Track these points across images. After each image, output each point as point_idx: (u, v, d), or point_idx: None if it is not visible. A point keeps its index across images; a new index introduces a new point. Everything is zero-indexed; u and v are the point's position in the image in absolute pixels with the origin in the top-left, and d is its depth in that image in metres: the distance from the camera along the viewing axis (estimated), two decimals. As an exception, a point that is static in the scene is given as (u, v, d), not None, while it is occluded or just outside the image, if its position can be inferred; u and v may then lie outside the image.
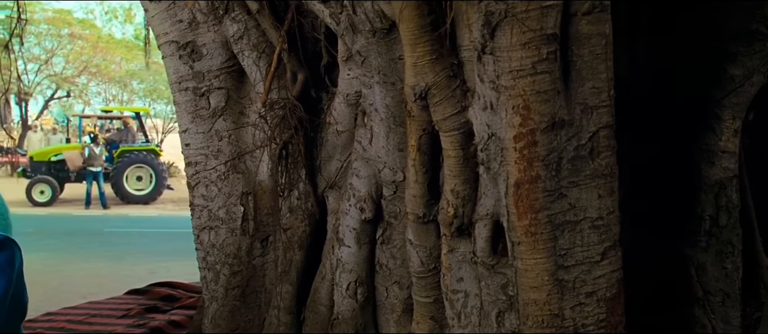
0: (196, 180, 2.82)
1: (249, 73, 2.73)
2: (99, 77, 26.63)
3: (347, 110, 2.60)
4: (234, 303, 2.78)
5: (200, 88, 2.77)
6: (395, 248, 2.48)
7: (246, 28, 2.69)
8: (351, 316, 2.53)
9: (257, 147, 2.79)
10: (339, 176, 2.70)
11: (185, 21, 2.76)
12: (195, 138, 2.80)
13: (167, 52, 2.80)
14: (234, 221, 2.77)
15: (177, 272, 6.41)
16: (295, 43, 2.62)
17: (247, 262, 2.79)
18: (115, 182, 14.72)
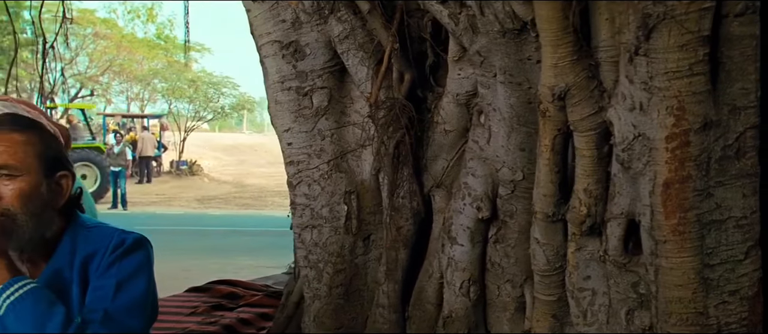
0: (298, 179, 2.84)
1: (353, 73, 2.75)
2: (122, 76, 26.81)
3: (456, 110, 2.62)
4: (338, 301, 2.80)
5: (303, 88, 2.80)
6: (509, 246, 2.50)
7: (352, 28, 2.71)
8: (464, 314, 2.55)
9: (360, 146, 2.81)
10: (445, 175, 2.72)
11: (288, 21, 2.78)
12: (297, 137, 2.82)
13: (269, 52, 2.82)
14: (337, 219, 2.79)
15: (211, 270, 6.47)
16: (402, 43, 2.64)
17: (350, 260, 2.82)
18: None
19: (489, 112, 2.43)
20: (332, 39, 2.76)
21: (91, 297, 1.70)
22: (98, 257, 1.74)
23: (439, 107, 2.68)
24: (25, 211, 1.67)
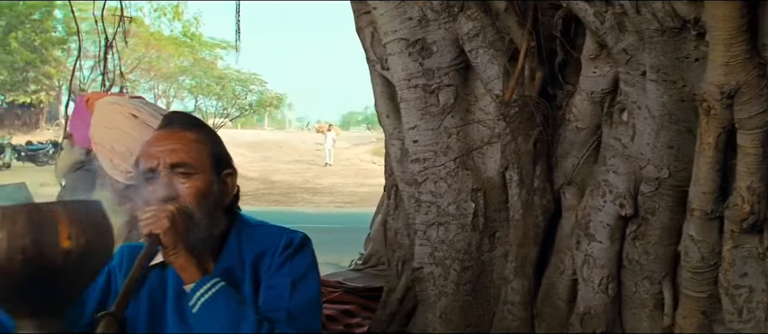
0: (424, 176, 2.87)
1: (482, 71, 2.77)
2: (151, 73, 26.95)
3: (589, 108, 2.64)
4: (465, 298, 2.83)
5: (430, 86, 2.82)
6: (649, 243, 2.51)
7: (482, 26, 2.73)
8: (603, 311, 2.57)
9: (485, 143, 2.83)
10: (575, 172, 2.74)
11: (415, 18, 2.81)
12: (424, 135, 2.85)
13: (395, 49, 2.85)
14: (464, 217, 2.82)
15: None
16: (534, 41, 2.66)
17: (477, 257, 2.84)
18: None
19: (633, 110, 2.44)
20: (460, 37, 2.78)
21: (266, 296, 1.72)
22: (269, 256, 1.76)
23: (571, 105, 2.70)
24: (200, 209, 1.70)
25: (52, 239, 1.03)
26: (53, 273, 1.04)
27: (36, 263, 1.02)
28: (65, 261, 1.04)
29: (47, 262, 1.03)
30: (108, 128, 2.30)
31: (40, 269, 1.03)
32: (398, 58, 2.84)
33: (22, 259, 1.00)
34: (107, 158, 2.30)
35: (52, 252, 1.03)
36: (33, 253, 1.01)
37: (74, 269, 1.06)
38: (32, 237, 1.01)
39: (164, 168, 1.73)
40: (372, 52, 3.27)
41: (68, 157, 3.76)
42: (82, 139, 3.65)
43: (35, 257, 1.01)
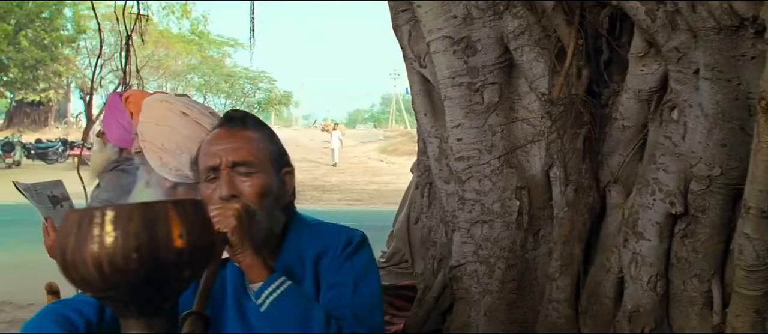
0: (469, 174, 2.86)
1: (527, 69, 2.76)
2: (160, 71, 27.04)
3: (636, 106, 2.63)
4: (510, 296, 2.82)
5: (474, 84, 2.81)
6: (698, 241, 2.50)
7: (528, 25, 2.72)
8: (652, 309, 2.56)
9: (529, 141, 2.83)
10: (621, 171, 2.73)
11: (460, 17, 2.80)
12: (468, 133, 2.84)
13: (439, 47, 2.84)
14: (509, 215, 2.81)
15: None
16: (582, 40, 2.65)
17: (521, 255, 2.84)
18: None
19: (684, 108, 2.43)
20: (505, 35, 2.77)
21: (329, 295, 1.72)
22: (329, 255, 1.76)
23: (618, 103, 2.69)
24: (262, 207, 1.70)
25: (165, 238, 1.02)
26: (165, 272, 1.04)
27: (150, 262, 1.01)
28: (177, 260, 1.04)
29: (161, 261, 1.02)
30: (157, 126, 2.29)
31: (153, 267, 1.02)
32: (442, 57, 2.83)
33: (137, 257, 1.00)
34: (156, 156, 2.29)
35: (165, 251, 1.02)
36: (148, 252, 1.01)
37: (184, 269, 1.06)
38: (147, 236, 1.00)
39: (226, 167, 1.74)
40: (409, 50, 3.27)
41: (102, 155, 3.77)
42: (116, 137, 3.65)
43: (150, 256, 1.01)
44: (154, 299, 1.08)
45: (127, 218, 1.01)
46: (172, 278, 1.06)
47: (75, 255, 1.01)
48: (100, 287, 1.02)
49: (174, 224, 1.04)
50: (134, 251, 1.00)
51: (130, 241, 1.00)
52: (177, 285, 1.09)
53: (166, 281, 1.05)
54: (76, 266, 1.01)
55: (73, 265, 1.02)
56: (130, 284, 1.03)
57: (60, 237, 1.05)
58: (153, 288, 1.06)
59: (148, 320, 1.09)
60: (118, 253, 0.99)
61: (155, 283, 1.05)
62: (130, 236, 1.00)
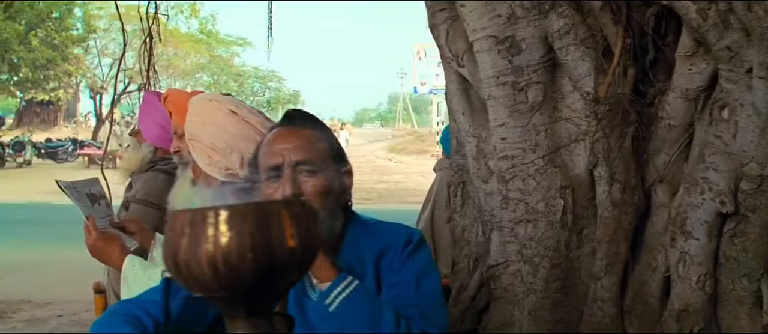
0: (512, 173, 2.86)
1: (572, 69, 2.76)
2: (168, 71, 27.08)
3: (683, 105, 2.63)
4: (555, 295, 2.82)
5: (519, 83, 2.81)
6: (748, 241, 2.50)
7: (573, 24, 2.72)
8: (700, 308, 2.56)
9: (573, 141, 2.82)
10: (666, 170, 2.72)
11: (504, 16, 2.80)
12: (512, 132, 2.84)
13: (483, 47, 2.84)
14: (553, 214, 2.81)
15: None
16: (630, 39, 2.64)
17: (566, 255, 2.83)
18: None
19: (736, 108, 2.42)
20: (550, 34, 2.77)
21: (392, 294, 1.72)
22: (390, 254, 1.76)
23: (664, 102, 2.69)
24: (323, 207, 1.70)
25: (279, 238, 1.02)
26: (277, 272, 1.04)
27: (265, 262, 1.01)
28: (289, 260, 1.04)
29: (275, 261, 1.03)
30: (206, 125, 2.29)
31: (267, 267, 1.02)
32: (486, 56, 2.83)
33: (253, 257, 1.00)
34: (205, 155, 2.29)
35: (279, 251, 1.03)
36: (262, 251, 1.01)
37: (295, 269, 1.06)
38: (261, 235, 1.00)
39: (289, 166, 1.74)
40: (447, 49, 3.27)
41: (136, 154, 3.76)
42: (153, 135, 3.65)
43: (264, 256, 1.01)
44: (263, 299, 1.08)
45: (242, 218, 1.01)
46: (283, 278, 1.07)
47: (189, 255, 1.01)
48: (213, 287, 1.02)
49: (286, 224, 1.04)
50: (249, 250, 1.00)
51: (245, 241, 1.00)
52: (286, 285, 1.09)
53: (278, 280, 1.06)
54: (189, 266, 1.01)
55: (185, 265, 1.02)
56: (243, 284, 1.03)
57: (169, 237, 1.05)
58: (264, 288, 1.06)
59: (254, 320, 1.09)
60: (233, 253, 1.00)
61: (267, 283, 1.05)
62: (245, 235, 1.00)
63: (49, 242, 12.50)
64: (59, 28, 23.26)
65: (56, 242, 12.35)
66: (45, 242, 12.54)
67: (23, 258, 11.11)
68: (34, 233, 13.73)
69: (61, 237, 12.80)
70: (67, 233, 14.30)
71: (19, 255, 11.35)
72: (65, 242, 12.12)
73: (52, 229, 14.22)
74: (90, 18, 24.48)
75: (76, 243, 10.48)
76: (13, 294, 8.81)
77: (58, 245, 12.02)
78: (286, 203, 1.07)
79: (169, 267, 1.05)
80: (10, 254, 11.39)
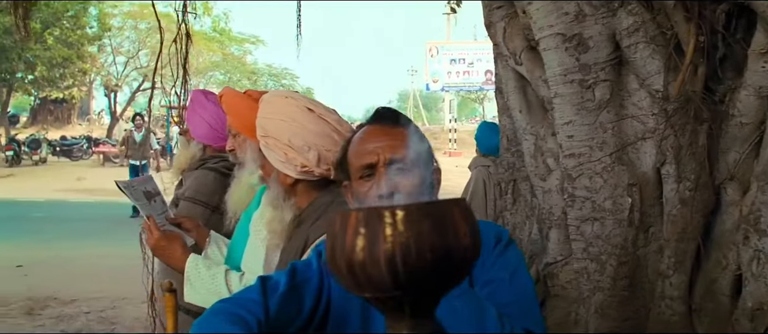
0: (579, 172, 2.85)
1: (640, 67, 2.75)
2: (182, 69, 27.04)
3: (756, 103, 2.62)
4: (622, 293, 2.82)
5: (586, 81, 2.80)
6: (824, 239, 2.48)
7: (643, 21, 2.71)
8: (775, 307, 2.55)
9: (639, 138, 2.82)
10: (737, 168, 2.71)
11: (571, 14, 2.79)
12: (579, 130, 2.84)
13: (550, 44, 2.83)
14: (620, 212, 2.80)
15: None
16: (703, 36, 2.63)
17: (633, 252, 2.83)
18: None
19: (815, 104, 2.41)
20: (618, 32, 2.76)
21: (485, 292, 1.71)
22: (482, 252, 1.75)
23: (735, 100, 2.68)
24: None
25: (454, 236, 1.02)
26: (452, 271, 1.04)
27: (443, 261, 1.01)
28: (463, 258, 1.04)
29: (452, 259, 1.03)
30: (284, 122, 2.28)
31: (445, 267, 1.02)
32: (553, 54, 2.83)
33: (432, 258, 1.00)
34: (281, 152, 2.29)
35: (455, 249, 1.02)
36: (441, 251, 1.00)
37: (466, 266, 1.06)
38: (439, 234, 1.00)
39: (384, 164, 1.73)
40: (504, 47, 3.27)
41: (185, 153, 3.77)
42: (202, 134, 3.66)
43: (443, 254, 1.01)
44: (431, 299, 1.08)
45: (418, 217, 1.01)
46: (456, 277, 1.06)
47: (365, 255, 1.01)
48: (388, 287, 1.02)
49: (461, 223, 1.04)
50: (429, 250, 1.00)
51: (424, 240, 1.00)
52: (456, 284, 1.09)
53: (452, 279, 1.06)
54: (364, 267, 1.01)
55: (361, 265, 1.01)
56: (419, 284, 1.03)
57: (339, 237, 1.05)
58: (438, 288, 1.06)
59: (419, 321, 1.09)
60: (412, 252, 0.99)
61: (443, 282, 1.05)
62: (423, 235, 1.00)
63: (69, 239, 12.56)
64: (75, 26, 23.35)
65: (76, 239, 12.41)
66: (65, 239, 12.60)
67: (45, 255, 11.17)
68: (53, 230, 13.81)
69: (81, 234, 12.88)
70: (85, 230, 14.34)
71: (41, 252, 11.41)
72: (85, 239, 12.20)
73: (70, 226, 14.29)
74: (104, 16, 24.60)
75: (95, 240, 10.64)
76: (39, 291, 8.86)
77: (78, 242, 12.09)
78: (456, 201, 1.06)
79: (339, 268, 1.05)
80: (33, 251, 11.45)
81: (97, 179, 21.25)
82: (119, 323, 7.60)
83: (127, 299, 8.41)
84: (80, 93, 28.04)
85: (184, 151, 3.77)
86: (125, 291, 8.62)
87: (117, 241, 12.50)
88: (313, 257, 1.79)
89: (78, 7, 22.94)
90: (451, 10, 13.96)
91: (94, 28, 25.17)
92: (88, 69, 25.66)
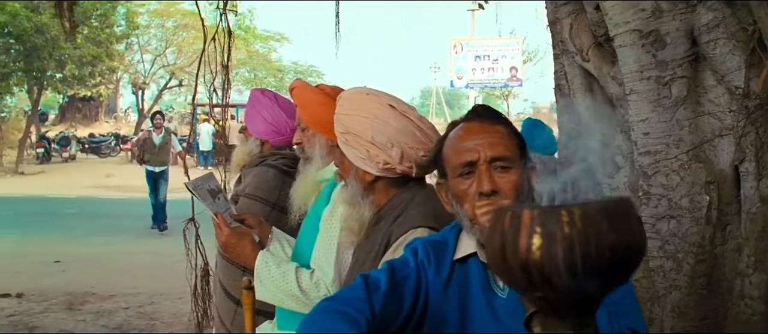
0: (655, 169, 2.83)
1: (719, 63, 2.72)
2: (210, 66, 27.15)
3: (836, 98, 2.58)
4: (700, 292, 2.79)
5: (663, 77, 2.78)
6: None
7: (723, 17, 2.68)
8: None
9: (716, 135, 2.79)
10: (819, 165, 2.68)
11: (648, 10, 2.77)
12: (656, 127, 2.81)
13: (626, 41, 2.81)
14: (698, 210, 2.77)
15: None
16: (782, 32, 2.60)
17: (710, 251, 2.80)
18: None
19: None
20: (697, 28, 2.73)
21: None
22: None
23: (817, 96, 2.64)
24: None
25: (630, 234, 1.02)
26: (627, 270, 1.04)
27: (620, 260, 1.01)
28: (638, 257, 1.04)
29: (630, 258, 1.02)
30: (366, 119, 2.28)
31: (620, 265, 1.02)
32: (629, 50, 2.80)
33: (610, 256, 0.99)
34: (363, 149, 2.28)
35: (633, 247, 1.02)
36: (619, 249, 1.00)
37: (638, 265, 1.06)
38: (616, 233, 1.00)
39: (485, 162, 1.72)
40: (571, 44, 3.24)
41: (244, 149, 3.79)
42: (260, 130, 3.68)
43: (622, 253, 1.00)
44: (599, 297, 1.07)
45: (597, 215, 1.01)
46: (628, 275, 1.06)
47: (541, 254, 1.00)
48: (564, 286, 1.01)
49: (634, 220, 1.04)
50: (608, 248, 1.00)
51: (603, 238, 1.00)
52: (625, 283, 1.08)
53: (624, 278, 1.05)
54: (541, 266, 1.01)
55: (537, 264, 1.01)
56: (594, 283, 1.02)
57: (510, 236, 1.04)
58: (610, 286, 1.05)
59: (583, 320, 1.08)
60: (592, 251, 0.99)
61: (616, 281, 1.04)
62: (603, 233, 1.00)
63: (102, 235, 12.71)
64: (103, 25, 23.62)
65: (109, 235, 12.56)
66: (98, 235, 12.75)
67: (80, 251, 11.32)
68: (85, 227, 13.97)
69: (113, 230, 13.03)
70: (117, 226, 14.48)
71: (76, 248, 11.56)
72: (117, 235, 12.33)
73: (102, 222, 14.45)
74: (132, 15, 24.84)
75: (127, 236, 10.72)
76: (77, 286, 8.97)
77: (111, 238, 12.23)
78: (626, 199, 1.06)
79: (509, 267, 1.04)
80: (68, 247, 11.61)
81: (126, 176, 21.49)
82: (158, 319, 7.66)
83: (164, 294, 8.48)
84: (107, 91, 28.36)
85: (243, 147, 3.79)
86: (162, 287, 8.69)
87: (149, 237, 12.62)
88: (409, 255, 1.79)
89: (107, 6, 23.19)
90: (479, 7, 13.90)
91: (122, 27, 25.46)
92: (116, 67, 25.94)
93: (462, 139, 1.77)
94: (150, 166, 11.82)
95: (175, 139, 12.38)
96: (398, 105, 2.33)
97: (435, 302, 1.71)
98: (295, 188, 2.96)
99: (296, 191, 2.93)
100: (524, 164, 1.78)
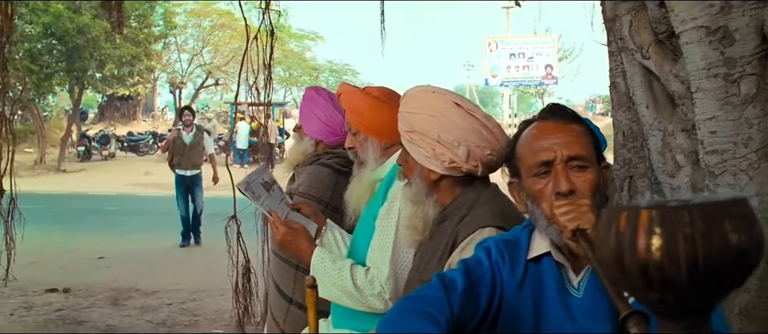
0: (723, 169, 2.77)
1: (794, 60, 2.65)
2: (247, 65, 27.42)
3: None
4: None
5: (731, 75, 2.71)
6: None
7: (795, 12, 2.61)
8: None
9: (788, 135, 2.71)
10: None
11: (717, 6, 2.70)
12: (724, 126, 2.75)
13: (693, 38, 2.75)
14: (767, 210, 2.70)
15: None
16: None
17: (779, 253, 2.72)
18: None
19: None
20: (767, 24, 2.66)
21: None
22: None
23: None
24: (594, 203, 1.65)
25: (751, 235, 0.99)
26: (746, 271, 1.01)
27: (741, 261, 0.99)
28: (758, 257, 1.01)
29: (749, 259, 1.00)
30: (433, 117, 2.26)
31: (741, 266, 1.00)
32: (696, 47, 2.74)
33: (733, 257, 0.97)
34: (429, 148, 2.27)
35: (754, 248, 1.00)
36: (741, 250, 0.98)
37: (757, 266, 1.03)
38: (738, 233, 0.98)
39: (561, 161, 1.70)
40: (630, 41, 3.19)
41: (298, 148, 3.81)
42: (314, 129, 3.68)
43: (743, 254, 0.98)
44: (717, 298, 1.05)
45: (718, 216, 0.98)
46: (747, 276, 1.03)
47: (662, 255, 0.98)
48: (684, 287, 0.99)
49: (754, 221, 1.01)
50: (731, 249, 0.97)
51: (726, 239, 0.97)
52: (742, 285, 1.06)
53: (743, 279, 1.03)
54: (661, 267, 0.99)
55: (656, 265, 0.99)
56: (715, 284, 1.00)
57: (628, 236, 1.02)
58: (730, 287, 1.03)
59: (698, 322, 1.06)
60: (715, 252, 0.97)
61: (735, 282, 1.02)
62: (725, 234, 0.97)
63: (143, 232, 12.91)
64: (142, 25, 24.01)
65: (149, 232, 12.75)
66: (139, 232, 12.95)
67: (123, 247, 11.51)
68: (127, 224, 14.20)
69: (153, 227, 13.22)
70: (157, 223, 14.70)
71: (119, 244, 11.76)
72: (157, 232, 12.52)
73: (143, 219, 14.68)
74: (169, 15, 25.24)
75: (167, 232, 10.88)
76: (122, 282, 9.14)
77: (152, 234, 12.41)
78: (744, 200, 1.04)
79: (626, 267, 1.03)
80: (111, 243, 11.81)
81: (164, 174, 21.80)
82: (201, 315, 7.76)
83: (206, 291, 8.59)
84: (145, 90, 28.87)
85: (297, 146, 3.81)
86: (203, 283, 8.80)
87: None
88: (482, 255, 1.78)
89: (145, 6, 23.58)
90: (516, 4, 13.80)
91: (160, 27, 25.87)
92: (154, 66, 26.37)
93: (537, 138, 1.76)
94: (180, 169, 10.44)
95: (208, 139, 11.07)
96: (463, 103, 2.32)
97: (510, 301, 1.70)
98: (349, 191, 2.96)
99: (351, 193, 2.94)
100: (599, 163, 1.77)
